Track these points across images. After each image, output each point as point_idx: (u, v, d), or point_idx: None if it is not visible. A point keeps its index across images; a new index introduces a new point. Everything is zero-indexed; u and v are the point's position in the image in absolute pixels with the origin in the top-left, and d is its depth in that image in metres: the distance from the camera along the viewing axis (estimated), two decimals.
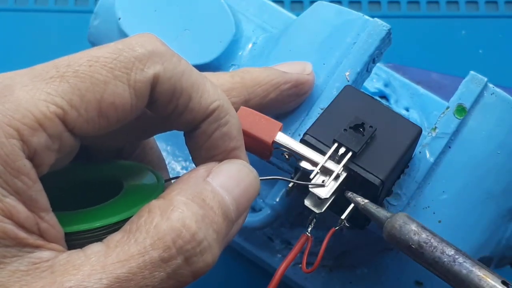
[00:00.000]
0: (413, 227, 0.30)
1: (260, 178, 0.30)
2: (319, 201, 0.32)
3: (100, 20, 0.45)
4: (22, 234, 0.24)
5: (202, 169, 0.28)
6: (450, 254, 0.29)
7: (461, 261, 0.29)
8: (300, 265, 0.42)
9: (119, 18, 0.43)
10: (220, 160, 0.29)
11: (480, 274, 0.28)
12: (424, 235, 0.30)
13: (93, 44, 0.47)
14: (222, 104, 0.28)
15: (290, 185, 0.34)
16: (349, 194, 0.32)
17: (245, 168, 0.29)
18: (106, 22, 0.45)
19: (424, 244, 0.29)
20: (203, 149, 0.29)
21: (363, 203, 0.32)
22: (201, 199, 0.26)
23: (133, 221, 0.26)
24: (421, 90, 0.49)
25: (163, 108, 0.27)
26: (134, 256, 0.24)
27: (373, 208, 0.31)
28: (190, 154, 0.30)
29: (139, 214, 0.26)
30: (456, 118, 0.36)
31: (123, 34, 0.43)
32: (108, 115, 0.25)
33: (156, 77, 0.26)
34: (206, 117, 0.28)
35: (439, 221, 0.35)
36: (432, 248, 0.29)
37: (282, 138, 0.33)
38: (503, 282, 0.28)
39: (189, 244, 0.25)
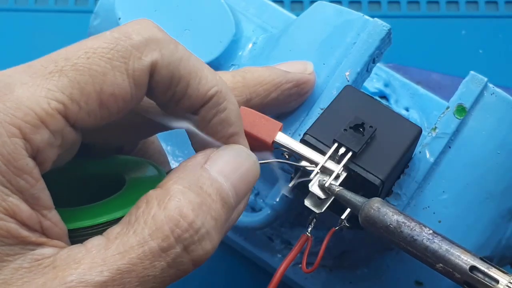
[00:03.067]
0: (390, 209, 0.30)
1: (260, 161, 0.29)
2: (319, 201, 0.32)
3: (100, 20, 0.45)
4: (24, 232, 0.24)
5: (200, 156, 0.28)
6: (428, 233, 0.29)
7: (439, 239, 0.29)
8: (300, 265, 0.42)
9: (119, 18, 0.43)
10: (219, 146, 0.29)
11: (458, 251, 0.29)
12: (401, 216, 0.30)
13: None
14: (220, 90, 0.28)
15: (290, 185, 0.34)
16: (323, 182, 0.32)
17: (244, 153, 0.29)
18: (106, 22, 0.45)
19: (403, 224, 0.30)
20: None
21: (338, 189, 0.32)
22: (198, 186, 0.26)
23: (132, 212, 0.26)
24: (421, 90, 0.49)
25: (161, 95, 0.27)
26: (134, 247, 0.24)
27: (348, 194, 0.31)
28: (190, 141, 0.30)
29: (137, 205, 0.26)
30: (456, 118, 0.36)
31: None
32: (108, 106, 0.25)
33: (154, 65, 0.26)
34: (204, 103, 0.28)
35: (439, 221, 0.35)
36: (411, 227, 0.30)
37: (282, 138, 0.33)
38: (481, 258, 0.29)
39: (187, 233, 0.25)
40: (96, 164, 0.32)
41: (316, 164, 0.32)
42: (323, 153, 0.33)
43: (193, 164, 0.28)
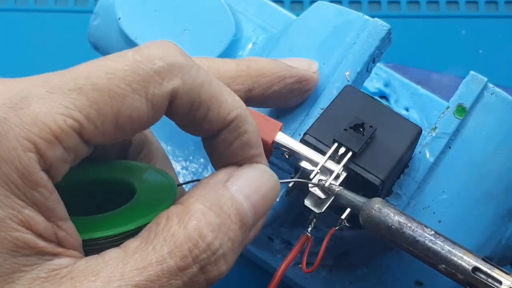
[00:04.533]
0: (392, 209, 0.30)
1: (281, 181, 0.29)
2: (319, 201, 0.32)
3: (100, 20, 0.45)
4: (41, 243, 0.24)
5: (222, 173, 0.28)
6: (430, 234, 0.29)
7: (441, 240, 0.29)
8: (300, 265, 0.42)
9: (119, 18, 0.43)
10: (241, 165, 0.29)
11: (461, 252, 0.29)
12: (403, 217, 0.30)
13: (93, 44, 0.47)
14: (240, 113, 0.28)
15: (291, 185, 0.34)
16: (323, 182, 0.32)
17: (266, 173, 0.29)
18: (106, 22, 0.45)
19: (404, 225, 0.30)
20: (223, 156, 0.29)
21: (338, 189, 0.32)
22: (218, 206, 0.26)
23: (151, 228, 0.26)
24: (421, 90, 0.49)
25: (181, 118, 0.27)
26: (152, 264, 0.24)
27: (348, 194, 0.31)
28: (209, 158, 0.30)
29: (157, 221, 0.26)
30: (456, 118, 0.36)
31: (123, 34, 0.43)
32: (124, 127, 0.25)
33: (175, 91, 0.26)
34: (224, 127, 0.28)
35: (439, 221, 0.35)
36: (413, 228, 0.29)
37: (282, 138, 0.33)
38: (484, 259, 0.29)
39: (205, 253, 0.25)
40: (102, 169, 0.32)
41: (316, 164, 0.32)
42: (323, 153, 0.33)
43: (214, 182, 0.28)
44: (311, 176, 0.32)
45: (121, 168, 0.32)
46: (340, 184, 0.32)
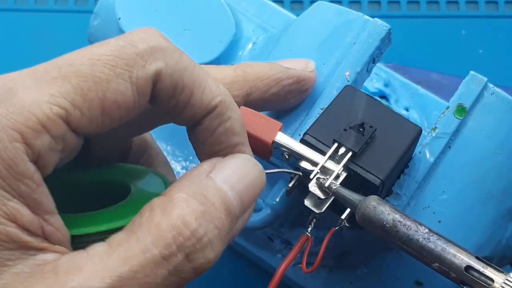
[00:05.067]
0: (387, 207, 0.30)
1: (266, 171, 0.29)
2: (319, 201, 0.32)
3: (100, 20, 0.45)
4: (26, 237, 0.24)
5: (206, 164, 0.28)
6: (424, 232, 0.29)
7: (435, 239, 0.29)
8: (300, 265, 0.42)
9: (119, 18, 0.43)
10: (224, 156, 0.29)
11: (454, 250, 0.29)
12: (397, 215, 0.30)
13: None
14: (223, 100, 0.28)
15: (290, 184, 0.34)
16: (321, 180, 0.32)
17: (250, 162, 0.29)
18: (106, 22, 0.45)
19: (398, 223, 0.30)
20: (207, 145, 0.29)
21: (335, 187, 0.32)
22: (202, 195, 0.26)
23: (135, 220, 0.26)
24: (421, 90, 0.49)
25: (164, 103, 0.27)
26: (136, 254, 0.24)
27: (345, 192, 0.31)
28: (194, 150, 0.30)
29: (141, 212, 0.26)
30: (456, 118, 0.36)
31: None
32: (111, 113, 0.25)
33: (158, 74, 0.26)
34: (208, 113, 0.28)
35: (439, 221, 0.35)
36: (407, 226, 0.30)
37: (282, 138, 0.33)
38: (477, 258, 0.29)
39: (189, 241, 0.25)
40: (101, 171, 0.32)
41: (316, 164, 0.32)
42: (323, 153, 0.33)
43: (198, 173, 0.28)
44: (311, 176, 0.32)
45: (120, 171, 0.32)
46: (340, 184, 0.32)
